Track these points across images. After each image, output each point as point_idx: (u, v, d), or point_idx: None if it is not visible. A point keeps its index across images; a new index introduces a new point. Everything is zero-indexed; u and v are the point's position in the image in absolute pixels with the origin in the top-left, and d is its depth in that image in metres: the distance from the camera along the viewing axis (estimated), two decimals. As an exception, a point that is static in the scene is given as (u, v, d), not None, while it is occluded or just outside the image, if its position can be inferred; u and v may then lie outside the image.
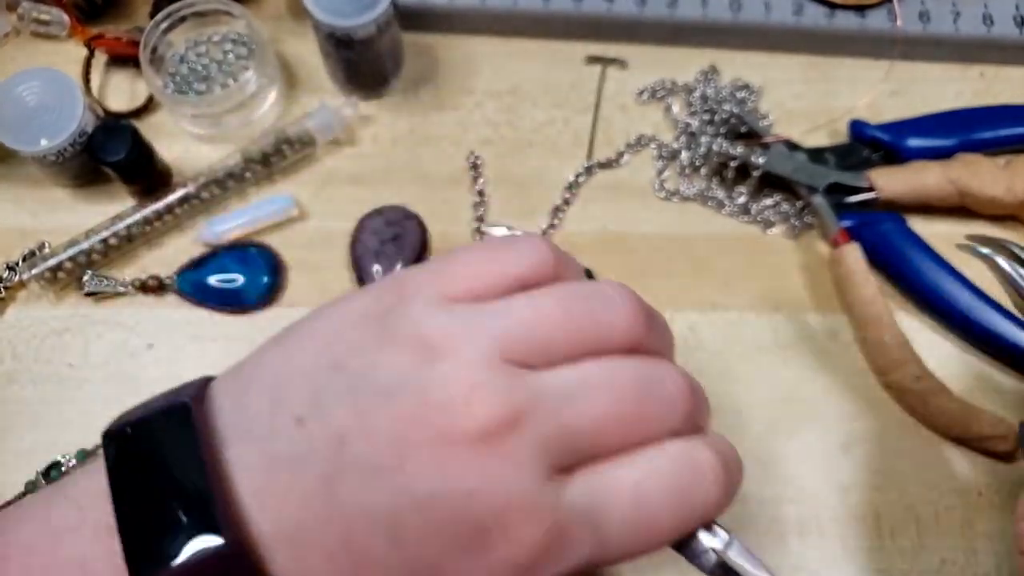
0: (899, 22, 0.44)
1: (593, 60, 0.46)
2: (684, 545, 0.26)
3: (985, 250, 0.34)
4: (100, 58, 0.45)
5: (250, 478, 0.22)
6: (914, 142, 0.42)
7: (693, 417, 0.25)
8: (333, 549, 0.21)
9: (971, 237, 0.36)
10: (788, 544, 0.37)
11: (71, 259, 0.40)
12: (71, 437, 0.38)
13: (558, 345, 0.23)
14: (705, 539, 0.26)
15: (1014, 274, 0.34)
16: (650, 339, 0.24)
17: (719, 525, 0.26)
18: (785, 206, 0.42)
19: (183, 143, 0.44)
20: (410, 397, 0.21)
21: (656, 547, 0.24)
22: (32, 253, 0.41)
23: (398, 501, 0.21)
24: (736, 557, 0.26)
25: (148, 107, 0.44)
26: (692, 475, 0.24)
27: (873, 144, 0.42)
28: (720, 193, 0.43)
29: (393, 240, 0.40)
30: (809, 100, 0.45)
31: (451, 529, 0.21)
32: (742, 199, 0.43)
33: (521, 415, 0.21)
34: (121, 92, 0.45)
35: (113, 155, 0.39)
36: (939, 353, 0.39)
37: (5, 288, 0.40)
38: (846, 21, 0.44)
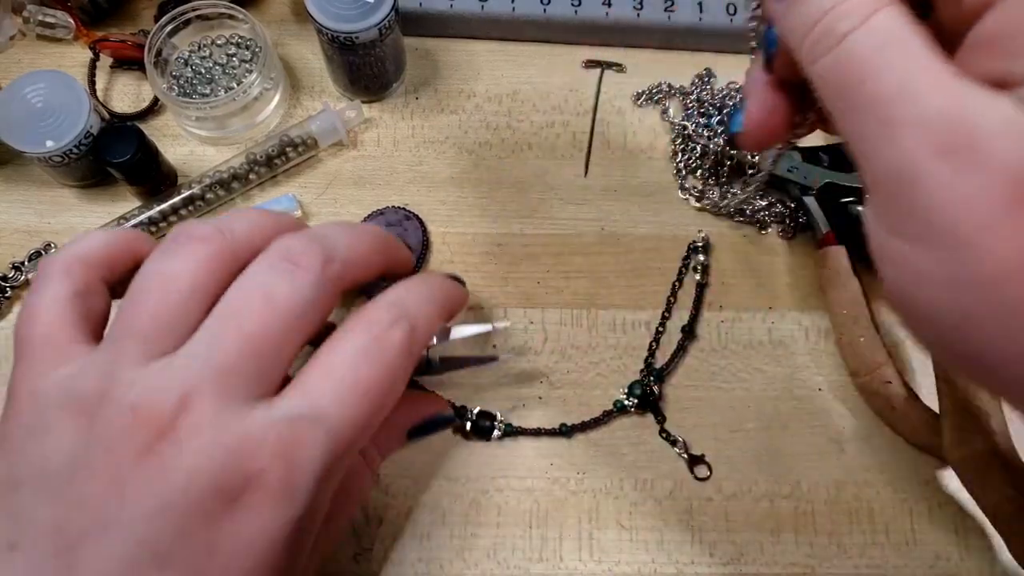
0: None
1: (591, 64, 0.47)
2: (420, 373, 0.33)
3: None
4: (105, 61, 0.45)
5: None
6: (907, 144, 0.42)
7: (380, 268, 0.29)
8: None
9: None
10: (783, 539, 0.37)
11: (77, 259, 0.40)
12: (76, 434, 0.38)
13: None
14: (433, 352, 0.32)
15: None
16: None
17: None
18: (780, 207, 0.43)
19: (188, 145, 0.44)
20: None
21: (392, 402, 0.27)
22: (38, 253, 0.41)
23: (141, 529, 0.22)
24: (453, 339, 0.32)
25: (153, 109, 0.45)
26: (380, 349, 0.26)
27: (867, 146, 0.43)
28: (715, 194, 0.43)
29: (394, 240, 0.41)
30: (804, 103, 0.46)
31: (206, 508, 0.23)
32: (737, 200, 0.43)
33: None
34: (126, 95, 0.46)
35: (119, 156, 0.39)
36: (928, 360, 0.39)
37: (11, 288, 0.40)
38: (840, 26, 0.45)
